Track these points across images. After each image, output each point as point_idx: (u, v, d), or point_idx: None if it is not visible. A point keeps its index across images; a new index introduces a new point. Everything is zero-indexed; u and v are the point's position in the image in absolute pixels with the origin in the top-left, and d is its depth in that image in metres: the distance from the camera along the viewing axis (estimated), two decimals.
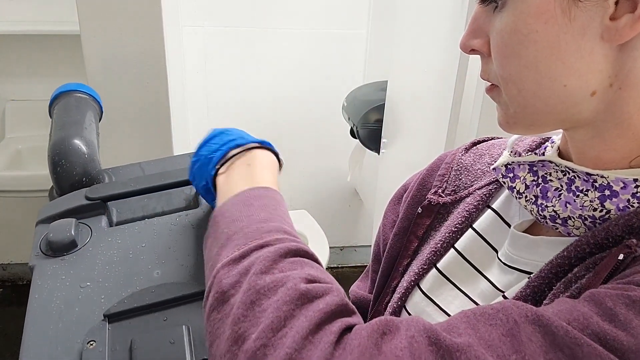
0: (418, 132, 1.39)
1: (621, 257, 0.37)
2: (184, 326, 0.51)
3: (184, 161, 0.79)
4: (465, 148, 0.63)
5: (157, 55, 1.36)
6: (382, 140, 1.66)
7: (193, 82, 2.00)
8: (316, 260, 0.43)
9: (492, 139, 0.63)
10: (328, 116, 2.13)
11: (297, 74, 2.09)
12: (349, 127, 1.81)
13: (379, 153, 1.70)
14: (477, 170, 0.59)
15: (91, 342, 0.49)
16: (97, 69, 1.35)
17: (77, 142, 0.71)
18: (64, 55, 2.17)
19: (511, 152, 0.52)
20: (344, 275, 2.54)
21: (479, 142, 0.63)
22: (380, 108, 1.64)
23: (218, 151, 0.56)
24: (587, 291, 0.36)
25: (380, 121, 1.65)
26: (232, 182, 0.52)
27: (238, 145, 0.56)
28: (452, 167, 0.61)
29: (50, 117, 0.79)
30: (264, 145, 0.57)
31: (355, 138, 1.77)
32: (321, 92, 2.14)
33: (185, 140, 1.79)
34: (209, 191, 0.58)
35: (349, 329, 0.36)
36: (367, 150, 1.77)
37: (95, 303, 0.54)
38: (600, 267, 0.38)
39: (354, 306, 0.39)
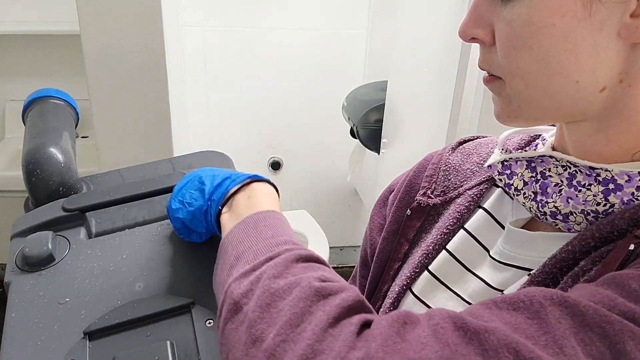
0: (418, 132, 1.39)
1: (632, 247, 0.37)
2: (168, 342, 0.49)
3: (165, 167, 0.76)
4: (452, 148, 0.62)
5: (157, 55, 1.36)
6: (382, 140, 1.66)
7: (193, 82, 2.00)
8: (327, 266, 0.42)
9: (478, 137, 0.62)
10: (328, 116, 2.13)
11: (297, 74, 2.10)
12: (349, 127, 1.81)
13: (379, 153, 1.70)
14: (466, 170, 0.58)
15: None
16: (97, 69, 1.35)
17: (52, 150, 0.68)
18: (64, 55, 2.17)
19: (502, 149, 0.51)
20: (344, 275, 2.53)
21: (465, 141, 0.62)
22: (380, 108, 1.64)
23: (216, 193, 0.54)
24: (605, 275, 0.36)
25: (380, 121, 1.65)
26: (236, 216, 0.50)
27: (235, 183, 0.54)
28: (440, 168, 0.60)
29: (24, 123, 0.76)
30: (259, 179, 0.55)
31: (355, 138, 1.77)
32: (321, 92, 2.14)
33: (186, 140, 1.79)
34: (203, 235, 0.58)
35: (367, 324, 0.35)
36: (367, 150, 1.77)
37: (75, 320, 0.51)
38: (610, 258, 0.38)
39: (370, 304, 0.39)
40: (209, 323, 0.51)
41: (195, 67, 1.99)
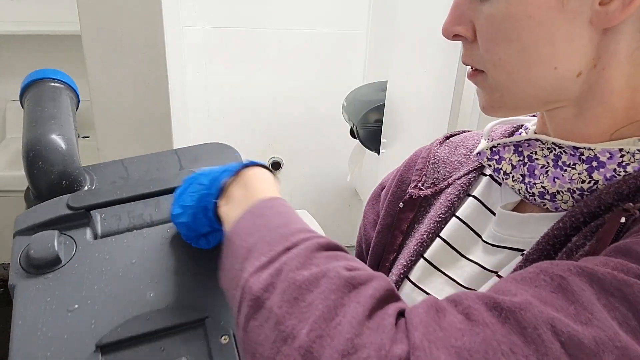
0: (418, 132, 1.39)
1: (623, 220, 0.39)
2: (183, 358, 0.48)
3: (170, 158, 0.74)
4: (440, 142, 0.65)
5: (157, 55, 1.36)
6: (382, 140, 1.66)
7: (193, 82, 2.00)
8: (347, 253, 0.42)
9: (464, 132, 0.65)
10: (328, 116, 2.14)
11: (297, 74, 2.10)
12: (349, 127, 1.81)
13: (378, 153, 1.70)
14: (454, 161, 0.61)
15: None
16: (97, 69, 1.35)
17: (55, 139, 0.64)
18: (64, 55, 2.17)
19: (488, 139, 0.54)
20: None
21: (452, 135, 0.65)
22: (380, 108, 1.64)
23: (212, 188, 0.52)
24: (608, 248, 0.37)
25: (380, 121, 1.65)
26: (235, 206, 0.49)
27: (228, 174, 0.53)
28: (429, 161, 0.63)
29: (22, 107, 0.71)
30: (253, 164, 0.54)
31: (355, 138, 1.77)
32: (321, 92, 2.14)
33: (186, 141, 1.79)
34: (206, 237, 0.56)
35: (401, 313, 0.34)
36: (367, 150, 1.77)
37: (86, 330, 0.49)
38: (603, 232, 0.39)
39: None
40: (225, 339, 0.49)
41: (195, 67, 1.99)
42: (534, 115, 0.54)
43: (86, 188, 0.69)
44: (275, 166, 2.28)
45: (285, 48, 2.04)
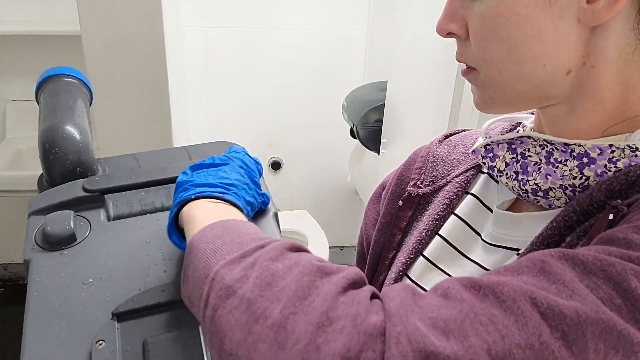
0: (418, 132, 1.39)
1: (611, 216, 0.39)
2: (199, 327, 0.47)
3: (180, 154, 0.76)
4: (439, 141, 0.65)
5: (157, 55, 1.36)
6: (382, 140, 1.66)
7: (193, 82, 2.00)
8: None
9: (464, 130, 0.66)
10: (328, 116, 2.14)
11: (297, 74, 2.10)
12: (349, 127, 1.81)
13: (379, 153, 1.70)
14: (452, 160, 0.61)
15: (100, 342, 0.46)
16: (97, 69, 1.35)
17: (70, 128, 0.66)
18: (64, 55, 2.17)
19: (486, 137, 0.54)
20: None
21: (452, 134, 0.66)
22: (380, 108, 1.64)
23: (171, 213, 0.50)
24: (593, 240, 0.38)
25: (380, 121, 1.65)
26: (191, 228, 0.46)
27: (171, 215, 0.50)
28: (428, 160, 0.63)
29: (38, 103, 0.74)
30: (193, 198, 0.49)
31: (355, 138, 1.77)
32: (321, 92, 2.14)
33: (186, 141, 1.79)
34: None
35: (375, 295, 0.34)
36: (367, 150, 1.78)
37: (101, 301, 0.50)
38: (593, 231, 0.40)
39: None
40: None
41: (195, 68, 1.99)
42: (531, 113, 0.55)
43: None
44: (275, 166, 2.28)
45: (285, 48, 2.04)
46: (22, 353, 0.46)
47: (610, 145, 0.42)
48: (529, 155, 0.48)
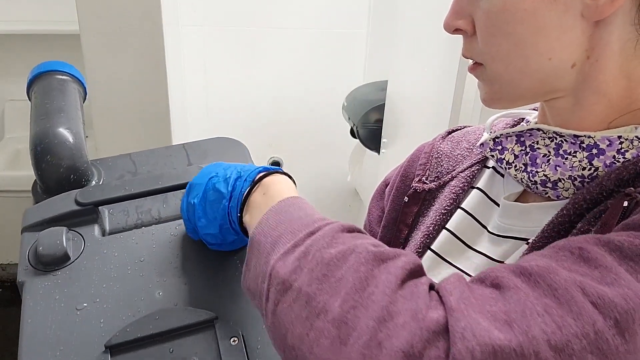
0: (418, 132, 1.39)
1: (625, 204, 0.40)
2: (193, 359, 0.47)
3: (177, 153, 0.74)
4: (442, 137, 0.66)
5: (156, 55, 1.35)
6: (382, 140, 1.66)
7: (193, 82, 2.00)
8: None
9: (465, 127, 0.67)
10: (328, 116, 2.13)
11: (297, 74, 2.09)
12: (349, 127, 1.80)
13: (379, 153, 1.69)
14: (457, 155, 0.62)
15: None
16: (96, 68, 1.35)
17: (63, 132, 0.64)
18: (64, 55, 2.15)
19: (491, 132, 0.55)
20: None
21: (454, 130, 0.67)
22: (380, 108, 1.64)
23: (233, 200, 0.52)
24: (617, 227, 0.39)
25: (380, 121, 1.64)
26: (257, 213, 0.49)
27: (247, 184, 0.53)
28: (432, 156, 0.64)
29: (29, 99, 0.72)
30: (270, 171, 0.53)
31: (355, 138, 1.77)
32: (321, 92, 2.13)
33: (185, 140, 1.79)
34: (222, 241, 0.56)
35: (432, 286, 0.35)
36: (367, 150, 1.77)
37: (95, 329, 0.50)
38: (607, 217, 0.40)
39: None
40: (234, 341, 0.49)
41: (194, 67, 1.99)
42: (534, 109, 0.56)
43: (94, 182, 0.69)
44: (275, 166, 2.28)
45: (285, 47, 2.04)
46: None
47: (619, 137, 0.43)
48: (538, 148, 0.49)
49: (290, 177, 0.54)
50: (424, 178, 0.62)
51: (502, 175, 0.56)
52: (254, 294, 0.42)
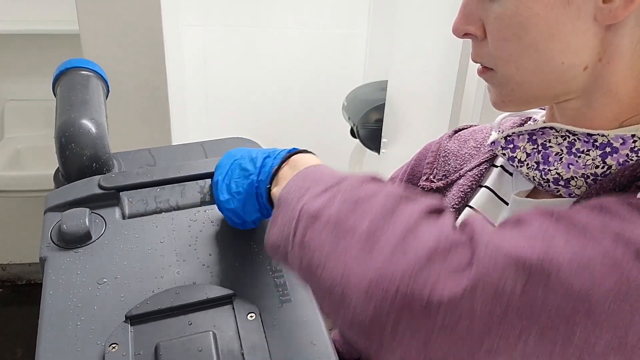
0: (418, 132, 1.39)
1: (639, 196, 0.40)
2: (211, 332, 0.48)
3: (195, 150, 0.77)
4: (449, 136, 0.66)
5: (156, 54, 1.35)
6: (382, 140, 1.66)
7: (193, 81, 2.00)
8: None
9: (471, 126, 0.67)
10: (328, 116, 2.13)
11: (297, 74, 2.09)
12: (349, 127, 1.80)
13: (379, 153, 1.69)
14: (464, 154, 0.62)
15: (113, 345, 0.47)
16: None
17: (86, 123, 0.67)
18: (64, 55, 2.15)
19: (499, 131, 0.55)
20: None
21: (460, 129, 0.67)
22: (380, 108, 1.64)
23: (262, 174, 0.54)
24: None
25: (380, 121, 1.64)
26: (284, 183, 0.51)
27: (277, 160, 0.55)
28: (439, 154, 0.64)
29: (55, 95, 0.75)
30: (298, 151, 0.57)
31: (355, 138, 1.77)
32: (321, 92, 2.13)
33: (185, 140, 1.79)
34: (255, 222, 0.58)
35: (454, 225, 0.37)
36: (368, 150, 1.77)
37: (115, 302, 0.51)
38: None
39: None
40: (251, 316, 0.51)
41: (194, 67, 1.98)
42: (542, 108, 0.56)
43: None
44: None
45: (285, 48, 2.04)
46: (37, 351, 0.47)
47: (633, 136, 0.44)
48: (550, 146, 0.49)
49: (316, 156, 0.56)
50: (431, 177, 0.63)
51: (511, 174, 0.56)
52: (279, 243, 0.43)
